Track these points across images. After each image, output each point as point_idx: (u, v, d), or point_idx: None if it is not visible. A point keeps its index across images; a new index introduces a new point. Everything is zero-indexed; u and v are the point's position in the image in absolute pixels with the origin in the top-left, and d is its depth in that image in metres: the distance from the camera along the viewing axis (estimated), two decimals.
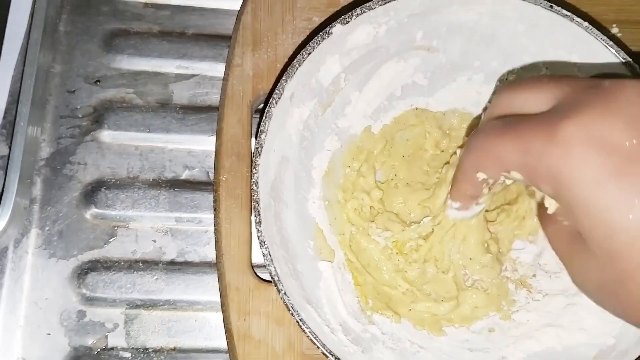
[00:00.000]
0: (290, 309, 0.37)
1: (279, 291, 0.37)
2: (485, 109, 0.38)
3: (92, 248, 0.45)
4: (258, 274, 0.43)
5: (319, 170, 0.44)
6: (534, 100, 0.31)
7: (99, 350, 0.44)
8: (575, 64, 0.42)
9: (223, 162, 0.44)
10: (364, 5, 0.41)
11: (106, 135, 0.48)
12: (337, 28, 0.40)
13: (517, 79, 0.44)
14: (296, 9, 0.48)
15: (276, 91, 0.40)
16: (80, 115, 0.48)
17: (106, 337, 0.44)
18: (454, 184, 0.37)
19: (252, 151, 0.41)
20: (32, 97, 0.44)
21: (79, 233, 0.46)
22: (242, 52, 0.46)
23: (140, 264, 0.45)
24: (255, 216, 0.38)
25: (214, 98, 0.49)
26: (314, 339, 0.37)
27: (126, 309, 0.45)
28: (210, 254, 0.46)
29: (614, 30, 0.49)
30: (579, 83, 0.30)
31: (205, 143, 0.48)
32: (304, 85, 0.41)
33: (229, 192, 0.43)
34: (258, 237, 0.38)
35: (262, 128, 0.39)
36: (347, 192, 0.44)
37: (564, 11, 0.41)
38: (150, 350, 0.44)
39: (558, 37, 0.42)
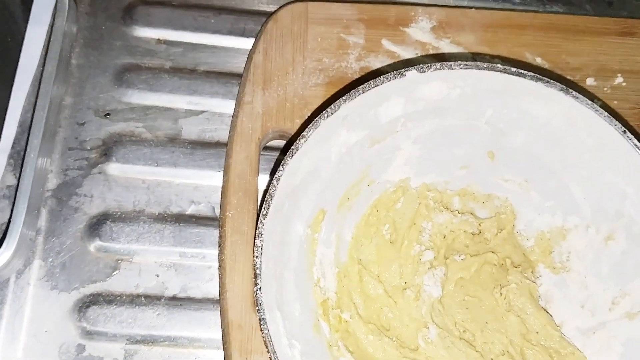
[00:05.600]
0: (259, 305, 0.37)
1: (255, 284, 0.37)
2: None
3: (95, 281, 0.45)
4: None
5: (342, 199, 0.44)
6: None
7: None
8: None
9: (230, 198, 0.44)
10: (444, 62, 0.40)
11: (114, 168, 0.48)
12: (412, 73, 0.40)
13: None
14: (307, 50, 0.49)
15: (332, 106, 0.39)
16: (88, 148, 0.48)
17: None
18: None
19: (285, 154, 0.39)
20: (43, 129, 0.44)
21: (82, 265, 0.45)
22: (253, 90, 0.47)
23: (143, 299, 0.45)
24: (264, 209, 0.38)
25: (222, 134, 0.50)
26: (267, 342, 0.36)
27: (126, 344, 0.44)
28: (213, 291, 0.46)
29: (619, 80, 0.50)
30: None
31: (212, 179, 0.48)
32: (360, 113, 0.41)
33: (235, 228, 0.43)
34: (257, 227, 0.38)
35: (303, 133, 0.39)
36: (358, 231, 0.45)
37: (636, 141, 0.39)
38: None
39: (621, 163, 0.40)
